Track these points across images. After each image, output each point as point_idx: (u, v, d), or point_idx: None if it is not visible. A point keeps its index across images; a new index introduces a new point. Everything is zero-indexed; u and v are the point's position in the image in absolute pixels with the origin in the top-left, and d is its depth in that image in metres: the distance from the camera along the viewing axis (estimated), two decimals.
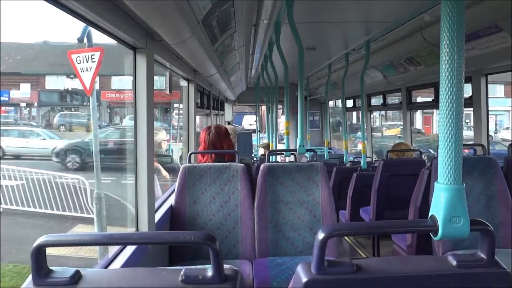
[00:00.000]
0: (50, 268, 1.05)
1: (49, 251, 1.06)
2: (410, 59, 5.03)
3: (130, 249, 2.23)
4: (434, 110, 18.08)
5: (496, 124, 18.65)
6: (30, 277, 1.04)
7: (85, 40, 4.17)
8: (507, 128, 19.16)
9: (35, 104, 21.64)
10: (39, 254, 1.03)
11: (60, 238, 1.06)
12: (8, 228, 8.00)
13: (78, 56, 4.21)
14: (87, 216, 8.45)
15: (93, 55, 4.19)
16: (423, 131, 20.42)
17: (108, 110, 22.41)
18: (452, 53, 1.13)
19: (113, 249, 2.22)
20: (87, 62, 4.18)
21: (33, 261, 1.02)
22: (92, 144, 5.13)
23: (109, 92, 21.51)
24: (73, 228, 8.42)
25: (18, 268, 6.68)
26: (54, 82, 21.09)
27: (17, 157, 13.49)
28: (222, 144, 3.33)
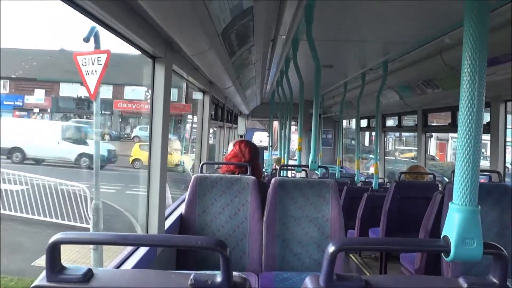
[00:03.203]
0: (64, 265, 1.07)
1: None
2: (427, 81, 5.01)
3: (140, 253, 2.25)
4: (450, 137, 17.84)
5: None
6: (43, 273, 1.06)
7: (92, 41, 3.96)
8: None
9: (48, 110, 21.79)
10: (53, 251, 1.04)
11: (74, 236, 1.08)
12: (3, 234, 7.55)
13: (84, 58, 4.03)
14: (86, 227, 8.13)
15: (100, 57, 4.01)
16: (437, 158, 20.17)
17: (120, 120, 22.51)
18: (474, 77, 1.13)
19: (123, 252, 2.24)
20: (93, 64, 4.00)
21: (48, 258, 1.04)
22: (94, 151, 4.93)
23: (122, 101, 21.64)
24: None
25: (5, 280, 6.25)
26: (69, 89, 21.15)
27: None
28: (256, 160, 3.51)
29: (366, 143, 14.68)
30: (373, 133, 11.10)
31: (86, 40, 3.87)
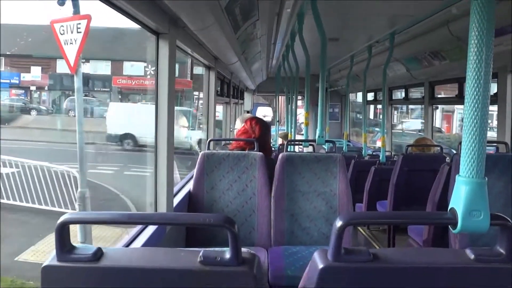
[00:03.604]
0: (73, 245, 1.09)
1: None
2: (434, 53, 4.94)
3: (149, 231, 2.28)
4: (455, 109, 17.62)
5: None
6: (54, 253, 1.07)
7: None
8: None
9: (46, 88, 21.12)
10: (62, 231, 1.06)
11: (82, 216, 1.09)
12: None
13: (62, 26, 3.48)
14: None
15: (79, 24, 3.47)
16: (443, 130, 20.01)
17: (119, 96, 21.84)
18: (481, 48, 1.12)
19: (132, 230, 2.27)
20: (72, 32, 3.45)
21: (57, 238, 1.06)
22: (77, 133, 4.15)
23: (121, 78, 21.00)
24: None
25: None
26: (66, 66, 20.31)
27: None
28: (266, 137, 3.54)
29: (371, 117, 14.55)
30: (378, 106, 11.04)
31: (61, 3, 3.40)
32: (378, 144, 12.24)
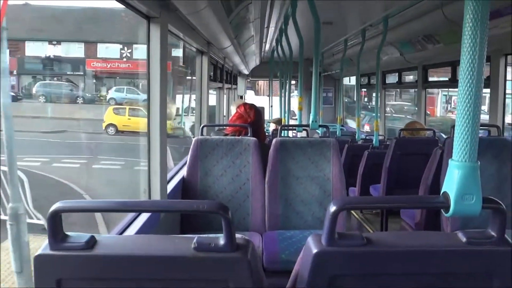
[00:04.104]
0: (66, 233, 1.08)
1: None
2: (428, 36, 4.92)
3: (142, 218, 2.27)
4: (440, 91, 17.53)
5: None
6: (46, 242, 1.07)
7: None
8: None
9: (14, 72, 19.37)
10: (55, 220, 1.05)
11: (74, 204, 1.08)
12: None
13: None
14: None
15: None
16: (428, 112, 19.86)
17: (94, 81, 20.40)
18: (475, 31, 1.11)
19: (126, 218, 2.26)
20: None
21: (49, 227, 1.05)
22: (3, 128, 2.67)
23: (95, 60, 19.67)
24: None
25: None
26: (36, 49, 18.84)
27: None
28: (260, 122, 3.56)
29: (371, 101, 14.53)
30: (363, 89, 10.99)
31: None
32: (366, 128, 12.27)
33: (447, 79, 5.60)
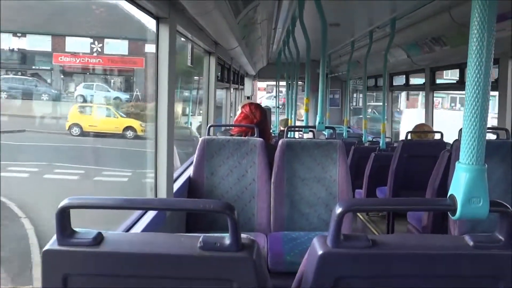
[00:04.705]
0: (74, 229, 1.09)
1: None
2: (436, 38, 4.91)
3: (149, 216, 2.28)
4: (420, 92, 17.26)
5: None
6: (54, 237, 1.08)
7: None
8: None
9: None
10: (63, 216, 1.07)
11: (82, 200, 1.10)
12: None
13: None
14: None
15: None
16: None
17: (62, 76, 18.16)
18: (482, 33, 1.11)
19: (133, 215, 2.28)
20: None
21: (58, 222, 1.06)
22: None
23: (63, 55, 17.64)
24: None
25: None
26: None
27: None
28: (265, 123, 3.54)
29: (360, 104, 14.36)
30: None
31: None
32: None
33: (454, 81, 5.58)
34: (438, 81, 6.24)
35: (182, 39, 3.58)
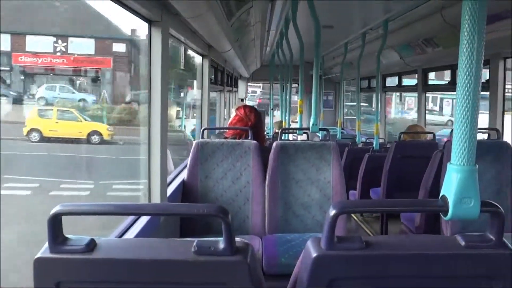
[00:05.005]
0: (66, 236, 1.09)
1: None
2: (428, 40, 4.94)
3: (142, 221, 2.27)
4: (394, 93, 17.27)
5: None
6: (46, 245, 1.07)
7: None
8: None
9: None
10: (55, 223, 1.06)
11: (75, 207, 1.09)
12: None
13: None
14: None
15: None
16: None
17: (22, 77, 16.36)
18: (473, 35, 1.12)
19: (126, 220, 2.27)
20: None
21: (50, 229, 1.06)
22: None
23: (24, 55, 15.97)
24: None
25: None
26: None
27: None
28: (260, 125, 3.54)
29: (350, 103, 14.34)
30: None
31: None
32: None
33: (446, 82, 5.61)
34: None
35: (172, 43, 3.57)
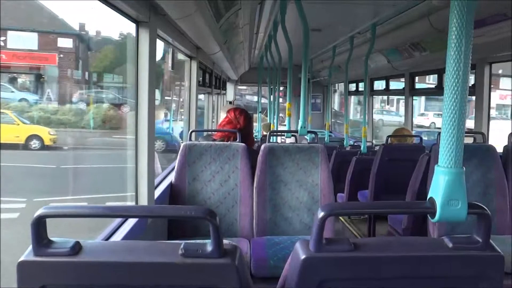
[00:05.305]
0: (51, 239, 1.06)
1: None
2: (415, 44, 4.99)
3: (129, 224, 2.25)
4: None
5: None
6: (30, 248, 1.05)
7: None
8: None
9: None
10: (39, 225, 1.04)
11: (59, 209, 1.07)
12: None
13: None
14: None
15: None
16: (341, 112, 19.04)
17: None
18: (460, 40, 1.13)
19: (112, 223, 2.24)
20: None
21: (34, 232, 1.03)
22: None
23: None
24: None
25: None
26: None
27: None
28: (249, 128, 3.53)
29: (336, 107, 14.27)
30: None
31: None
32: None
33: (427, 85, 5.67)
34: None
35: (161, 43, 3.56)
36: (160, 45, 3.24)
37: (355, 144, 6.98)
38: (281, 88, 10.21)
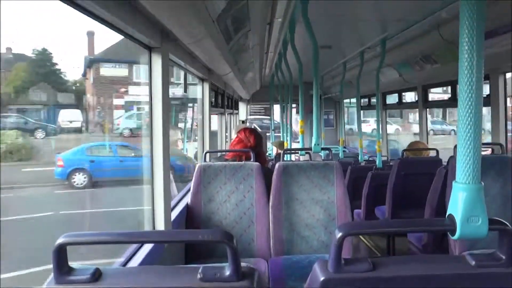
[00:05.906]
0: (71, 266, 1.07)
1: None
2: (426, 57, 4.97)
3: (147, 248, 2.25)
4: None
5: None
6: (51, 276, 1.06)
7: None
8: None
9: None
10: (60, 253, 1.05)
11: (80, 237, 1.08)
12: None
13: None
14: None
15: None
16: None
17: None
18: (472, 51, 1.12)
19: (130, 248, 2.24)
20: None
21: (55, 260, 1.04)
22: None
23: None
24: None
25: None
26: None
27: None
28: (260, 147, 3.58)
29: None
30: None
31: None
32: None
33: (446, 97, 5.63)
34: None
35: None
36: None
37: (370, 159, 6.93)
38: (293, 106, 10.22)
